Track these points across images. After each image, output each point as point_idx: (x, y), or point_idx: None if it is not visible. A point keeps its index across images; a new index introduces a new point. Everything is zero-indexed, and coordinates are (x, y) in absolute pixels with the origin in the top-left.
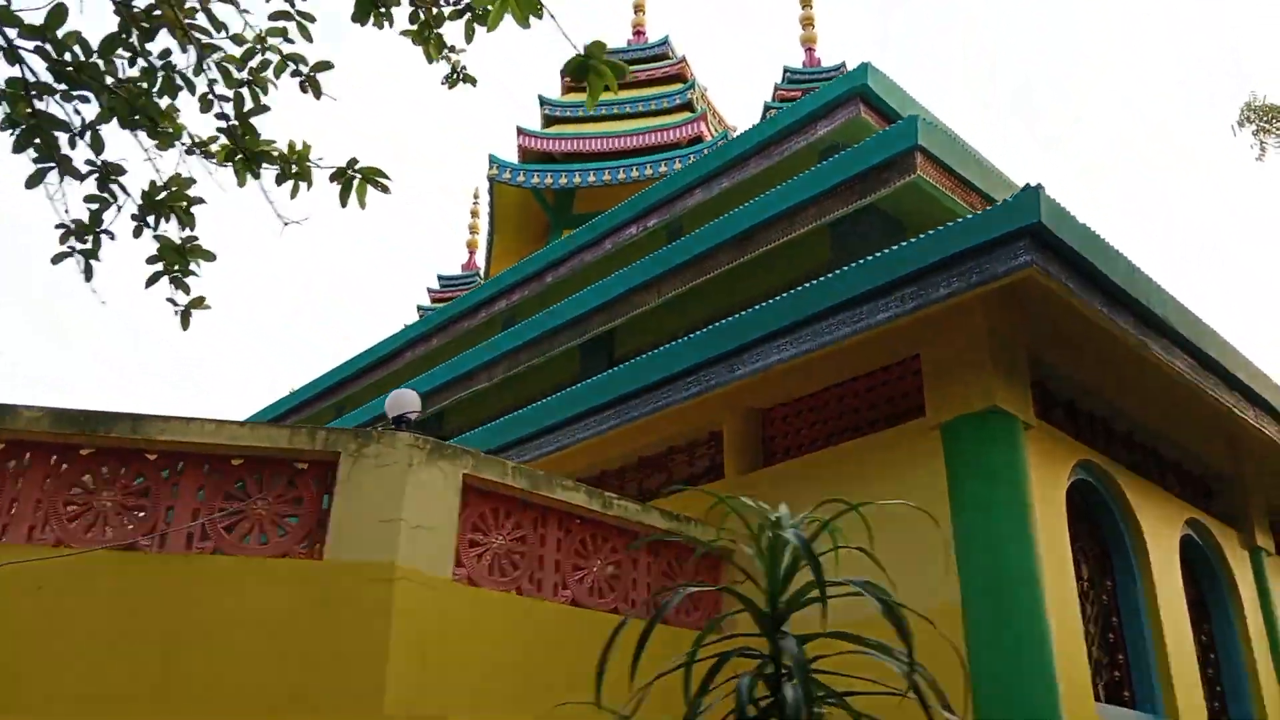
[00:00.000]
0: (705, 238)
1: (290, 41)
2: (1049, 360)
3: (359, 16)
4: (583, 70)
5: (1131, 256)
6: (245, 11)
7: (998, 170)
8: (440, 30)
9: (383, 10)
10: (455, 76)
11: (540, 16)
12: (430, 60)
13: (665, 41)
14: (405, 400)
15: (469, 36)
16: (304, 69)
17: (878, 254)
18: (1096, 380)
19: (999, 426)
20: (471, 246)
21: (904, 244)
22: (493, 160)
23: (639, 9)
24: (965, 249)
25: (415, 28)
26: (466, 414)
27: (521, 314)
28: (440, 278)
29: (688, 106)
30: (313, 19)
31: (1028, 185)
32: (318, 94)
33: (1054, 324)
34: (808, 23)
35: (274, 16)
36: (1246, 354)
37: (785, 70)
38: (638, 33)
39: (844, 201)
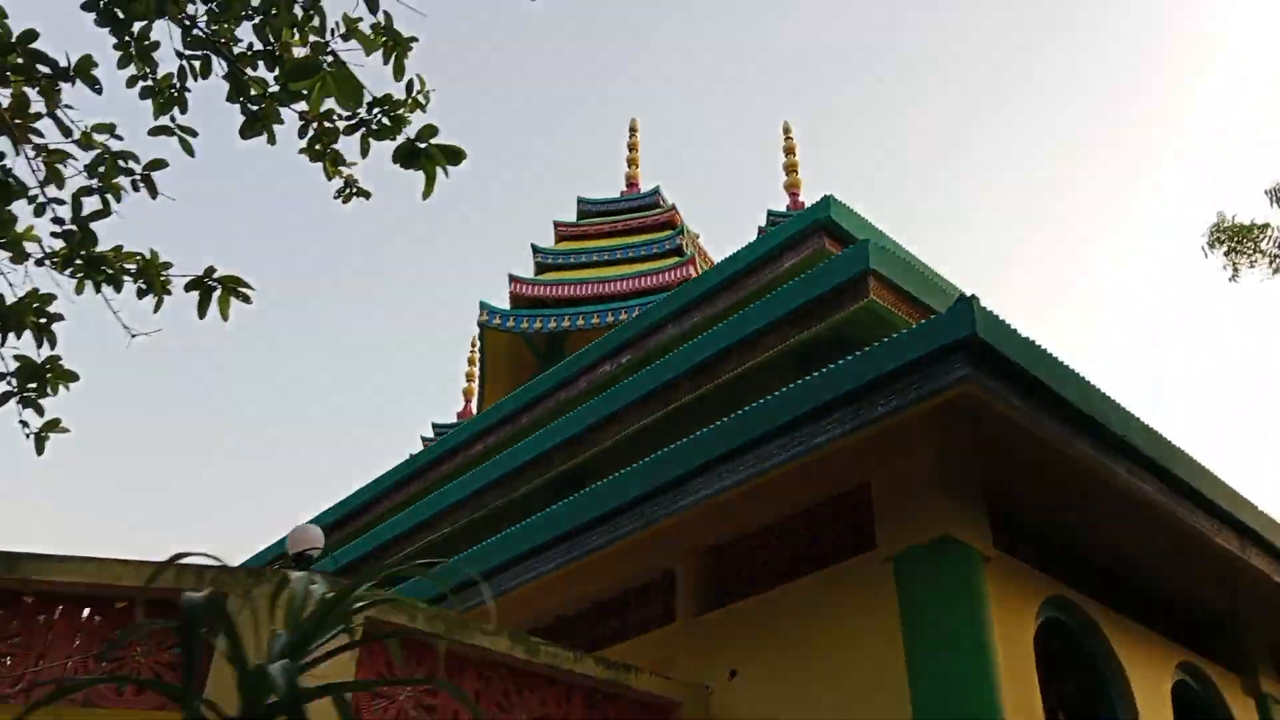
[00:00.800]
0: (667, 368)
1: (119, 139)
2: (1010, 487)
3: (246, 133)
4: (412, 156)
5: (1091, 377)
6: (69, 107)
7: (958, 290)
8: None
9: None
10: (348, 191)
11: (360, 103)
12: (329, 177)
13: (656, 191)
14: (306, 536)
15: (364, 151)
16: (136, 169)
17: (815, 375)
18: (1063, 508)
19: (952, 558)
20: (468, 394)
21: (841, 363)
22: (483, 306)
23: (632, 163)
24: (901, 365)
25: (307, 144)
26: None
27: (496, 455)
28: (435, 426)
29: (677, 251)
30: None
31: (962, 296)
32: (153, 193)
33: (1007, 447)
34: (791, 169)
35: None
36: (1235, 485)
37: (769, 214)
38: (631, 184)
39: (801, 327)
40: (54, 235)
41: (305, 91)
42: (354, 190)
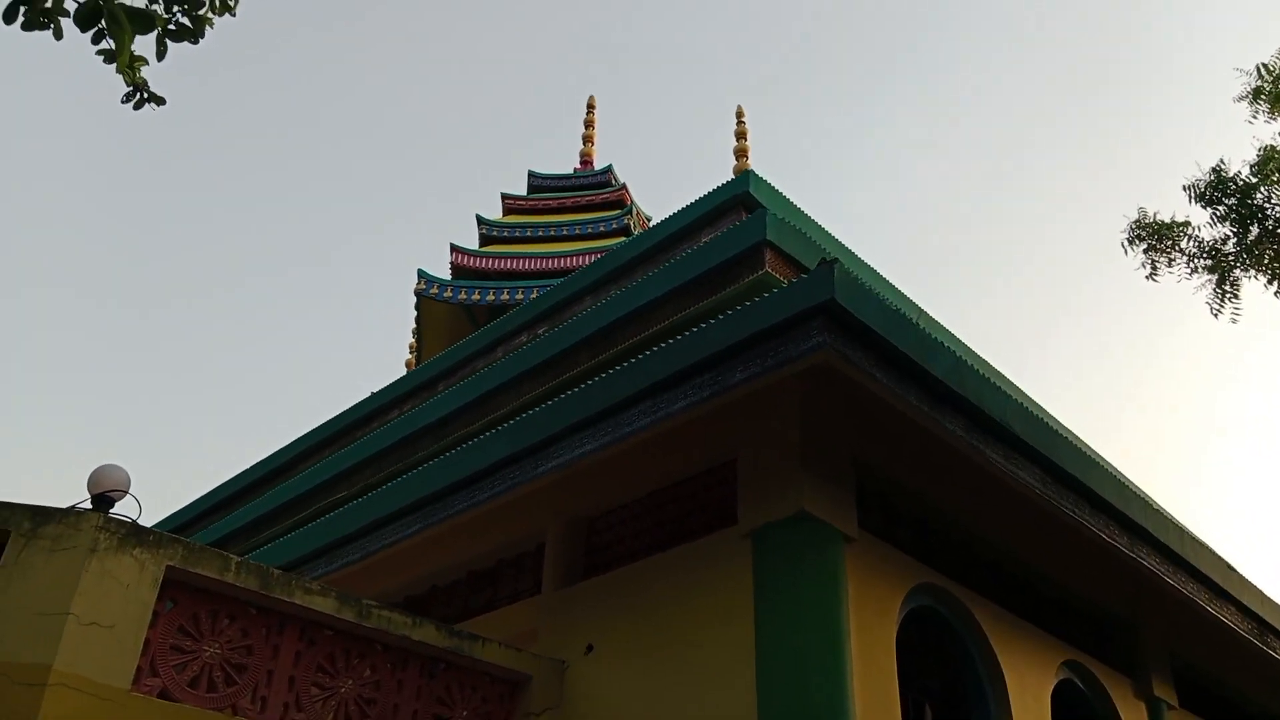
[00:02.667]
0: (567, 335)
1: None
2: (882, 467)
3: (10, 17)
4: (94, 16)
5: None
6: None
7: (877, 275)
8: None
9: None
10: (140, 96)
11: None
12: (127, 81)
13: (608, 170)
14: (109, 478)
15: (160, 54)
16: None
17: (674, 341)
18: (938, 493)
19: (810, 536)
20: (410, 366)
21: (700, 328)
22: (421, 275)
23: (587, 140)
24: (759, 330)
25: (93, 39)
26: None
27: None
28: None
29: (624, 231)
30: None
31: (822, 260)
32: None
33: (874, 423)
34: (741, 153)
35: None
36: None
37: None
38: (584, 162)
39: (696, 297)
40: None
41: None
42: (146, 96)
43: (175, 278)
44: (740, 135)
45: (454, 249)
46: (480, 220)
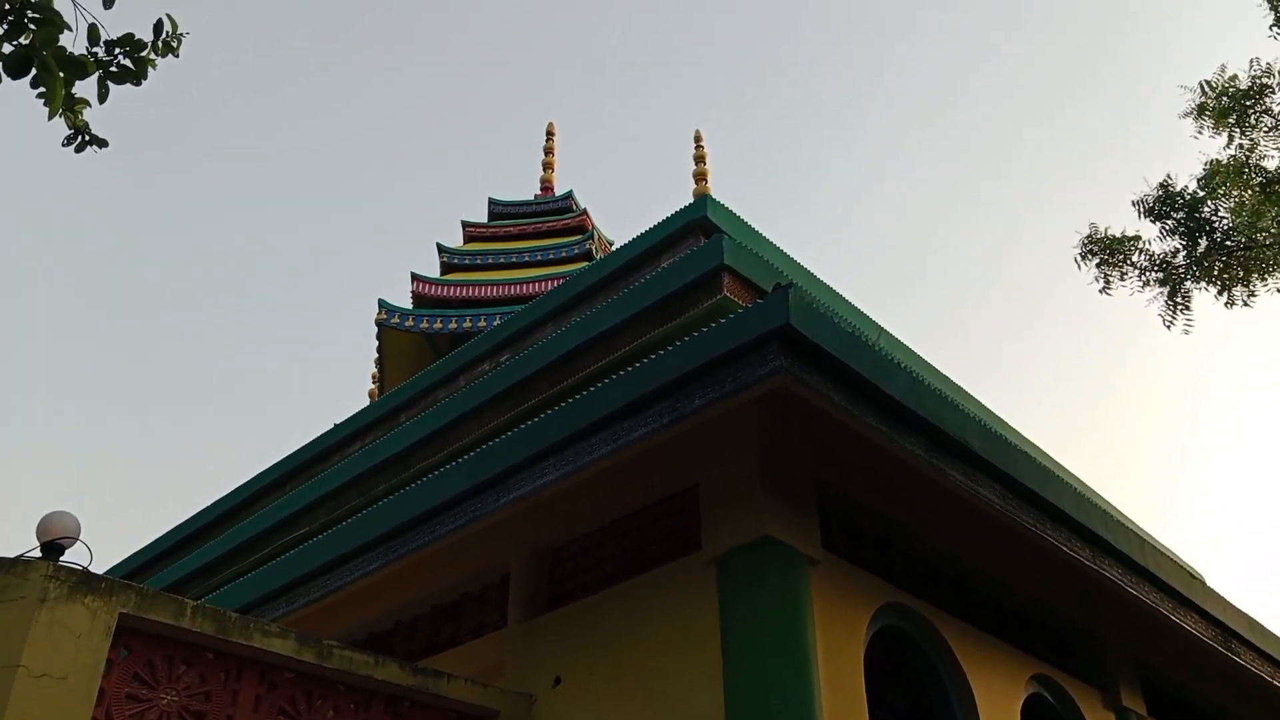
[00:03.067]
0: (526, 364)
1: None
2: (844, 489)
3: None
4: (25, 64)
5: (917, 373)
6: None
7: (837, 296)
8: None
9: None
10: (82, 140)
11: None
12: (68, 125)
13: (569, 195)
14: (57, 525)
15: (102, 96)
16: None
17: (633, 368)
18: (900, 512)
19: (774, 559)
20: (373, 396)
21: (658, 355)
22: (382, 305)
23: (547, 166)
24: (717, 356)
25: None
26: None
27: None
28: (336, 425)
29: (585, 256)
30: None
31: (777, 285)
32: None
33: (833, 445)
34: (700, 177)
35: None
36: (1084, 488)
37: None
38: (545, 188)
39: (654, 324)
40: None
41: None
42: (88, 139)
43: (133, 300)
44: (699, 159)
45: (415, 278)
46: (441, 248)
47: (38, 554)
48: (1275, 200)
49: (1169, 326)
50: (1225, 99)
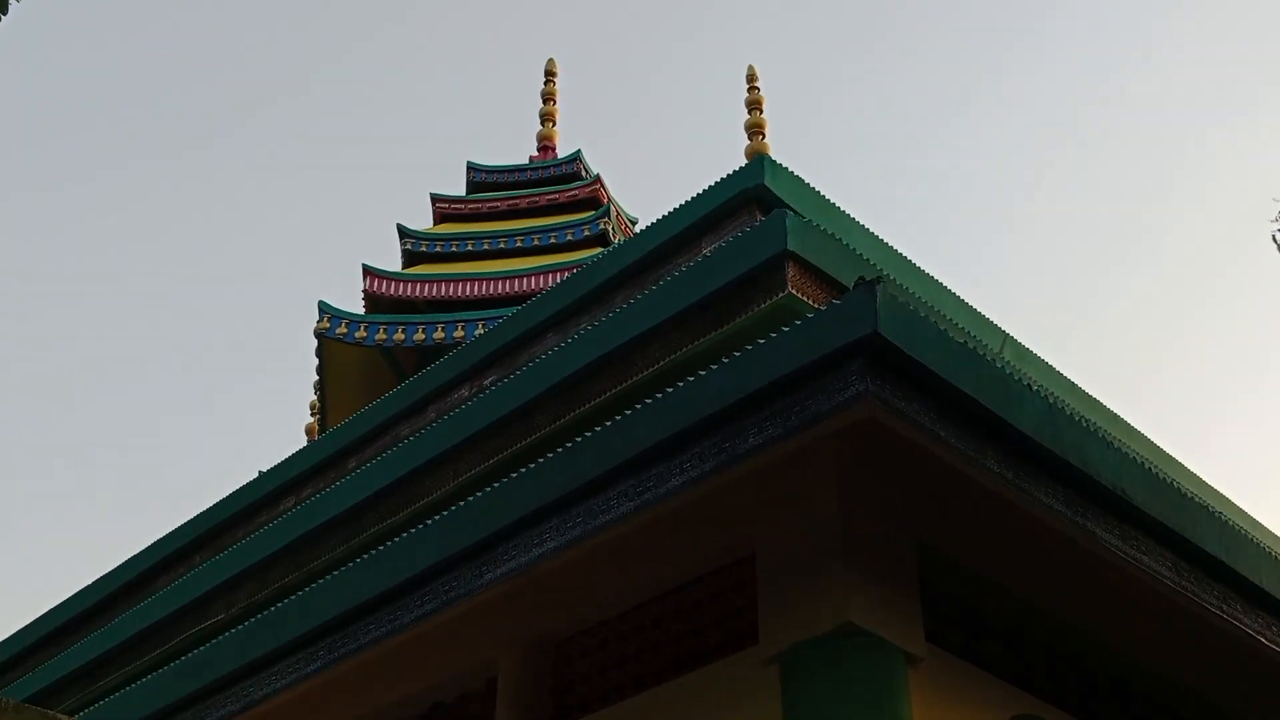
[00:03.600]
0: (517, 390)
1: None
2: (957, 559)
3: None
4: None
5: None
6: None
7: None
8: None
9: None
10: None
11: None
12: None
13: (576, 157)
14: None
15: None
16: None
17: (663, 397)
18: (1036, 591)
19: (858, 657)
20: (310, 434)
21: (701, 375)
22: (323, 309)
23: (547, 118)
24: (780, 377)
25: None
26: None
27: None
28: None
29: (600, 239)
30: None
31: (861, 278)
32: None
33: (944, 499)
34: (755, 130)
35: None
36: None
37: None
38: (544, 148)
39: (693, 335)
40: None
41: None
42: None
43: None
44: (753, 105)
45: (368, 272)
46: (403, 232)
47: None
48: None
49: None
50: None
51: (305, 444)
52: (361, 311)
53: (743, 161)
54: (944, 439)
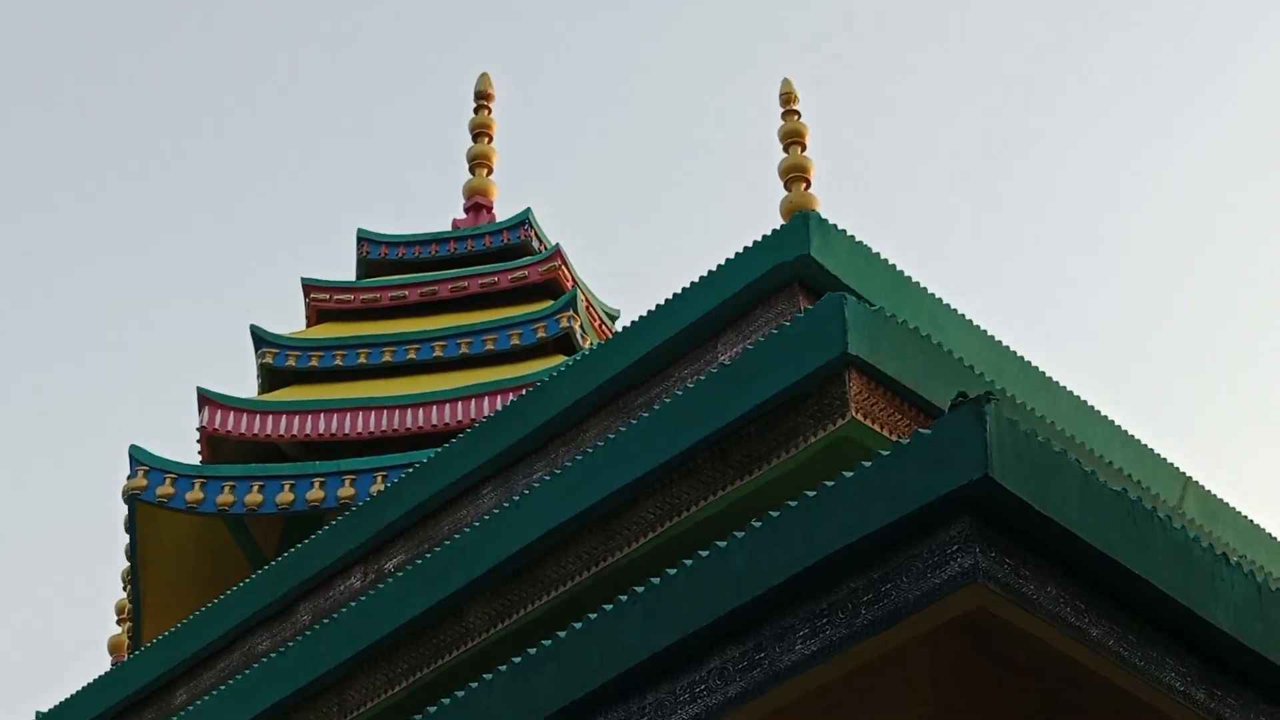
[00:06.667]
0: (437, 580)
1: None
2: None
3: None
4: None
5: None
6: None
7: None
8: None
9: None
10: None
11: None
12: None
13: (525, 220)
14: None
15: None
16: None
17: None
18: None
19: None
20: (115, 654)
21: (713, 553)
22: (136, 459)
23: (480, 164)
24: (833, 554)
25: None
26: None
27: None
28: (40, 717)
29: (563, 343)
30: None
31: (962, 395)
32: None
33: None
34: (798, 177)
35: None
36: None
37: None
38: (475, 206)
39: (703, 489)
40: None
41: None
42: None
43: None
44: (791, 139)
45: (206, 400)
46: (260, 338)
47: None
48: None
49: None
50: None
51: (110, 651)
52: (197, 461)
53: (777, 222)
54: (1095, 640)
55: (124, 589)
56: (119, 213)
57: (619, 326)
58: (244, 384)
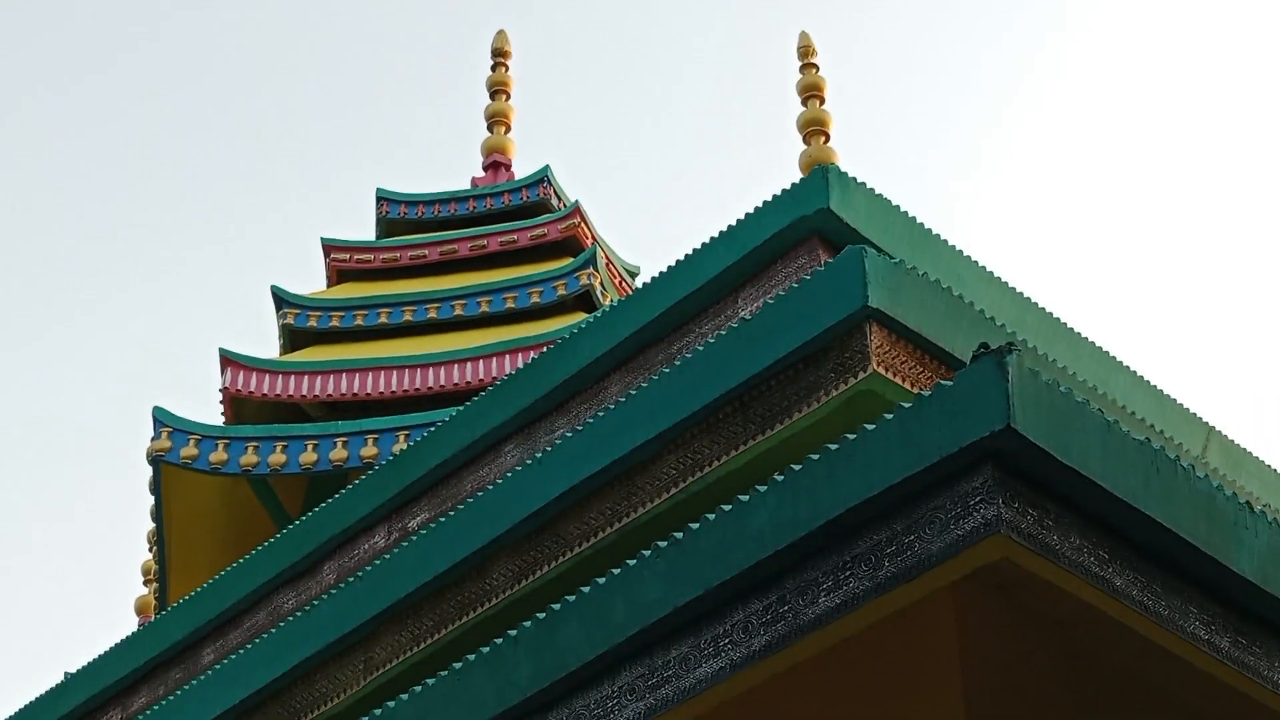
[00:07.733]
0: (461, 538)
1: None
2: None
3: None
4: None
5: None
6: None
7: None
8: None
9: None
10: None
11: None
12: None
13: (544, 177)
14: None
15: None
16: None
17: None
18: None
19: None
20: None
21: (735, 507)
22: (160, 420)
23: (498, 121)
24: (856, 507)
25: None
26: None
27: None
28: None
29: (584, 300)
30: None
31: (984, 346)
32: None
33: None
34: (816, 130)
35: None
36: None
37: None
38: (494, 165)
39: (725, 444)
40: None
41: None
42: None
43: None
44: (809, 92)
45: (228, 361)
46: (281, 299)
47: None
48: None
49: None
50: None
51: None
52: (220, 421)
53: (796, 176)
54: (1119, 589)
55: (150, 550)
56: (141, 176)
57: (639, 283)
58: (266, 345)
